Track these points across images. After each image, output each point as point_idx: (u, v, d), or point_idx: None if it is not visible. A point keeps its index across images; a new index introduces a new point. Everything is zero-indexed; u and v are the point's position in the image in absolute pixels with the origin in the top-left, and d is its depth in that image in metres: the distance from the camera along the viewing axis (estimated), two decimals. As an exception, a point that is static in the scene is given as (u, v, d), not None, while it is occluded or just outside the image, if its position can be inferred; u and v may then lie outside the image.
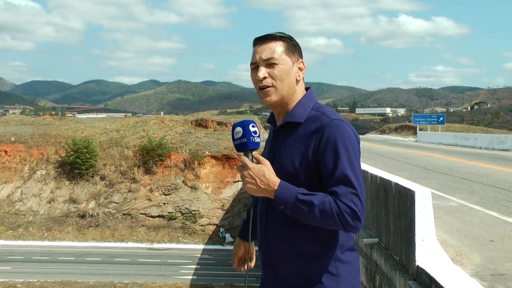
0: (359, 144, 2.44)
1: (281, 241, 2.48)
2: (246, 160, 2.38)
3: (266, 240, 2.55)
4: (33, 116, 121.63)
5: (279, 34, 2.52)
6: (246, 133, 2.42)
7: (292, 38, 2.54)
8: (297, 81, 2.53)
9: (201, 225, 39.92)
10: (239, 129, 2.45)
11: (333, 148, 2.34)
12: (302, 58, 2.57)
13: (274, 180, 2.35)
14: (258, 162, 2.39)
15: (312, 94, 2.59)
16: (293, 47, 2.53)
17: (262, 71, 2.47)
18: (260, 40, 2.52)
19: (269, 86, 2.47)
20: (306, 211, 2.28)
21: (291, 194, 2.31)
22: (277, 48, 2.49)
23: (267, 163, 2.38)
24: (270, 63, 2.47)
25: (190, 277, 31.57)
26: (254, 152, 2.44)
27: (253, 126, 2.45)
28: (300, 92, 2.56)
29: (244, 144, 2.42)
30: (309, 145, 2.41)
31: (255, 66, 2.52)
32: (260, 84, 2.48)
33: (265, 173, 2.35)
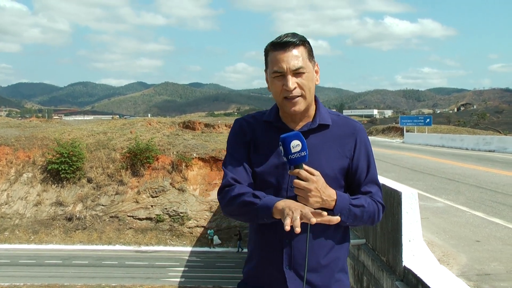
0: None
1: (310, 246, 2.39)
2: (311, 175, 2.25)
3: (291, 247, 2.45)
4: (20, 118, 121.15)
5: (299, 38, 2.41)
6: (304, 146, 2.25)
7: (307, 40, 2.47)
8: (314, 85, 2.49)
9: (189, 227, 39.84)
10: (297, 142, 2.25)
11: (366, 152, 2.52)
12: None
13: (332, 190, 2.33)
14: (311, 174, 2.27)
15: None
16: (311, 51, 2.47)
17: (292, 81, 2.37)
18: (283, 46, 2.39)
19: (298, 96, 2.39)
20: (359, 214, 2.38)
21: (345, 201, 2.34)
22: (303, 54, 2.40)
23: (319, 174, 2.28)
24: (298, 72, 2.38)
25: (178, 279, 31.49)
26: (304, 165, 2.28)
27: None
28: None
29: (303, 158, 2.25)
30: (345, 148, 2.47)
31: (280, 75, 2.40)
32: (290, 95, 2.38)
33: (325, 185, 2.29)
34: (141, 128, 51.61)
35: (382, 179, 7.40)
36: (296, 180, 2.26)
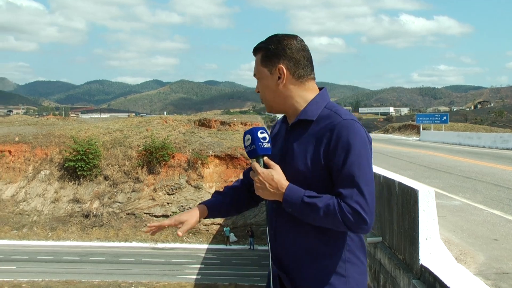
0: (370, 144, 2.42)
1: (289, 239, 2.48)
2: (256, 166, 2.43)
3: (275, 238, 2.55)
4: (37, 116, 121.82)
5: (260, 44, 2.56)
6: (255, 140, 2.46)
7: (273, 42, 2.51)
8: (280, 88, 2.50)
9: (205, 225, 39.97)
10: (248, 136, 2.49)
11: (343, 148, 2.31)
12: (282, 63, 2.48)
13: (283, 183, 2.38)
14: (269, 167, 2.43)
15: (325, 94, 2.56)
16: (270, 55, 2.50)
17: (256, 86, 2.60)
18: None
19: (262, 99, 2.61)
20: (311, 214, 2.30)
21: (297, 197, 2.33)
22: (256, 61, 2.55)
23: (276, 168, 2.41)
24: (256, 78, 2.58)
25: (194, 276, 31.63)
26: (265, 158, 2.46)
27: (262, 133, 2.48)
28: (305, 92, 2.52)
29: (254, 151, 2.46)
30: (321, 143, 2.37)
31: None
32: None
33: (274, 177, 2.38)
34: (157, 125, 51.79)
35: (398, 177, 7.40)
36: (250, 172, 2.50)
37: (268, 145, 2.47)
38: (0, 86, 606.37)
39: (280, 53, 2.48)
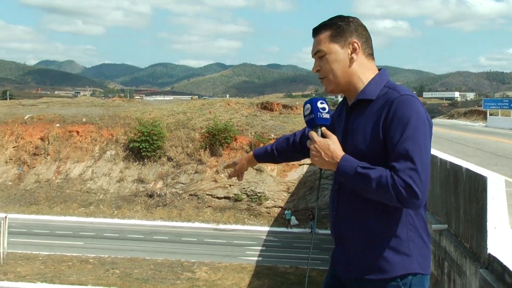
0: (430, 125, 2.40)
1: (351, 218, 2.51)
2: (314, 135, 2.46)
3: (337, 217, 2.58)
4: (103, 98, 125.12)
5: (327, 22, 2.57)
6: (314, 109, 2.50)
7: (343, 20, 2.55)
8: (352, 63, 2.52)
9: (266, 207, 40.20)
10: (308, 106, 2.54)
11: (399, 122, 2.32)
12: (355, 38, 2.52)
13: (338, 153, 2.40)
14: (326, 137, 2.46)
15: (385, 74, 2.57)
16: (341, 31, 2.52)
17: (314, 65, 2.59)
18: (313, 33, 2.61)
19: (322, 78, 2.57)
20: (363, 184, 2.31)
21: (351, 167, 2.34)
22: (323, 38, 2.54)
23: (333, 138, 2.45)
24: (320, 56, 2.55)
25: (255, 258, 31.90)
26: (323, 128, 2.50)
27: (321, 103, 2.52)
28: (368, 71, 2.55)
29: (313, 120, 2.50)
30: (379, 119, 2.39)
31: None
32: (318, 77, 2.60)
33: (330, 147, 2.41)
34: (220, 108, 52.25)
35: (465, 163, 7.28)
36: (308, 141, 2.53)
37: (327, 116, 2.51)
38: (68, 68, 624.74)
39: (352, 29, 2.53)
